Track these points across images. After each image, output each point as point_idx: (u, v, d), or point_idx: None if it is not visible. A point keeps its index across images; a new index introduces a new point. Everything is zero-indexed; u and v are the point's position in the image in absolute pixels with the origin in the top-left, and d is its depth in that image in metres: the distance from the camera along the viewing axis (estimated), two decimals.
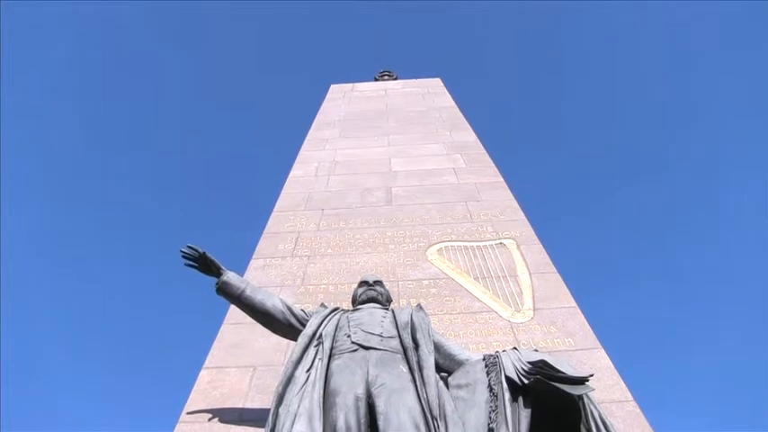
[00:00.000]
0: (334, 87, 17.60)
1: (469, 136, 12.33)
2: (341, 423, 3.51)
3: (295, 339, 4.42)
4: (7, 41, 30.08)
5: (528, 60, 48.20)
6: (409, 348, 4.11)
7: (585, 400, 3.73)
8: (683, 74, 39.09)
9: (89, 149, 36.88)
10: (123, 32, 43.37)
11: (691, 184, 33.88)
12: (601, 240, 35.32)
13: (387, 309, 4.79)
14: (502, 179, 9.80)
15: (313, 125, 13.84)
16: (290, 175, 10.58)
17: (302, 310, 4.78)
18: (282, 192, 9.81)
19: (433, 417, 3.54)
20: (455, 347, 4.51)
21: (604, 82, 43.53)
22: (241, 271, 6.65)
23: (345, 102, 15.89)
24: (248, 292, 4.73)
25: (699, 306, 27.61)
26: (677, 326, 27.67)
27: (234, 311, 5.88)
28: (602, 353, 5.56)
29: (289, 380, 3.91)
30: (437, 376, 3.95)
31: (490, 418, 3.65)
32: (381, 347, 4.09)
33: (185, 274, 5.25)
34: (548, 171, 41.16)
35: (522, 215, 8.48)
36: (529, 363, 3.86)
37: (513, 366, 3.89)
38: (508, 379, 3.81)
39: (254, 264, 7.50)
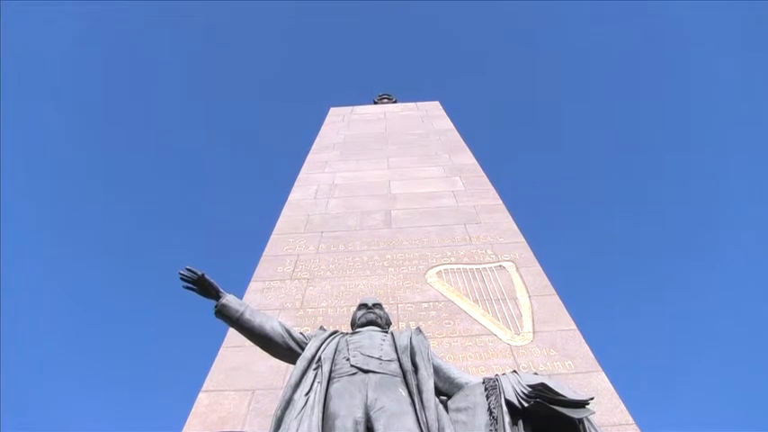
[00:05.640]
0: (333, 110, 17.72)
1: (468, 159, 12.39)
2: None
3: (294, 363, 4.39)
4: (7, 42, 30.37)
5: (527, 84, 48.69)
6: (408, 372, 4.08)
7: (586, 423, 3.71)
8: (685, 91, 39.50)
9: (89, 175, 37.10)
10: (125, 58, 43.81)
11: (690, 206, 33.98)
12: (600, 263, 35.31)
13: (386, 332, 4.77)
14: (501, 202, 9.84)
15: (312, 148, 13.92)
16: (290, 197, 10.60)
17: (301, 334, 4.75)
18: (282, 214, 9.83)
19: None
20: (454, 371, 4.48)
21: (604, 104, 43.94)
22: (240, 294, 6.65)
23: (345, 125, 16.00)
24: (247, 315, 4.70)
25: (700, 329, 27.49)
26: (678, 349, 27.53)
27: (233, 335, 5.86)
28: (603, 376, 5.53)
29: (287, 403, 3.88)
30: (437, 400, 3.92)
31: None
32: (380, 371, 4.07)
33: (184, 297, 5.25)
34: (547, 194, 41.31)
35: (521, 238, 8.49)
36: (529, 386, 3.83)
37: (512, 389, 3.87)
38: (508, 402, 3.78)
39: (253, 286, 7.49)
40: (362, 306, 5.17)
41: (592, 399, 3.78)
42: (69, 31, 38.21)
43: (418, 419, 3.66)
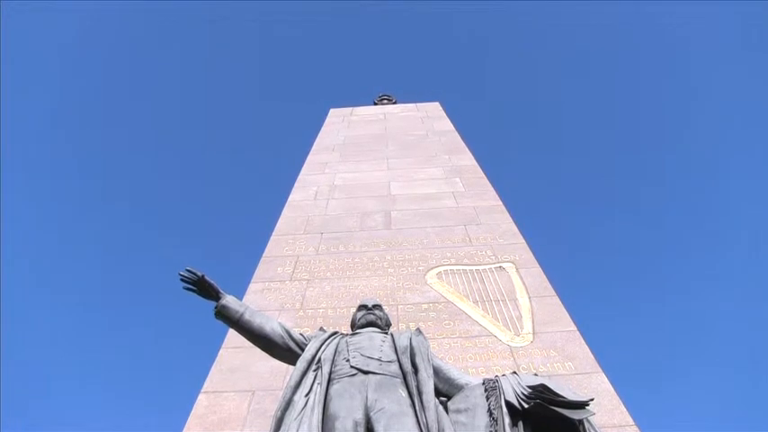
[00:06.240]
0: (333, 111, 17.69)
1: (468, 160, 12.39)
2: None
3: (294, 364, 4.38)
4: (7, 41, 30.38)
5: (527, 84, 48.69)
6: (408, 373, 4.08)
7: (586, 424, 3.70)
8: (686, 92, 39.53)
9: (89, 175, 37.13)
10: (125, 58, 43.85)
11: (690, 207, 33.99)
12: (600, 263, 35.30)
13: (386, 333, 4.76)
14: (501, 203, 9.83)
15: (312, 149, 13.91)
16: (290, 199, 10.60)
17: (301, 335, 4.74)
18: (282, 215, 9.83)
19: None
20: (454, 372, 4.48)
21: (604, 104, 43.95)
22: (240, 295, 6.64)
23: (345, 126, 15.98)
24: (247, 316, 4.69)
25: (700, 329, 27.50)
26: (678, 349, 27.52)
27: (233, 336, 5.86)
28: (603, 377, 5.53)
29: (287, 404, 3.88)
30: (436, 401, 3.92)
31: None
32: (380, 372, 4.06)
33: (184, 298, 5.24)
34: (547, 194, 41.31)
35: (521, 239, 8.49)
36: (529, 387, 3.83)
37: (512, 391, 3.86)
38: (508, 403, 3.78)
39: (252, 287, 7.49)
40: (362, 307, 5.17)
41: (592, 400, 3.78)
42: (69, 31, 38.24)
43: (418, 420, 3.66)
